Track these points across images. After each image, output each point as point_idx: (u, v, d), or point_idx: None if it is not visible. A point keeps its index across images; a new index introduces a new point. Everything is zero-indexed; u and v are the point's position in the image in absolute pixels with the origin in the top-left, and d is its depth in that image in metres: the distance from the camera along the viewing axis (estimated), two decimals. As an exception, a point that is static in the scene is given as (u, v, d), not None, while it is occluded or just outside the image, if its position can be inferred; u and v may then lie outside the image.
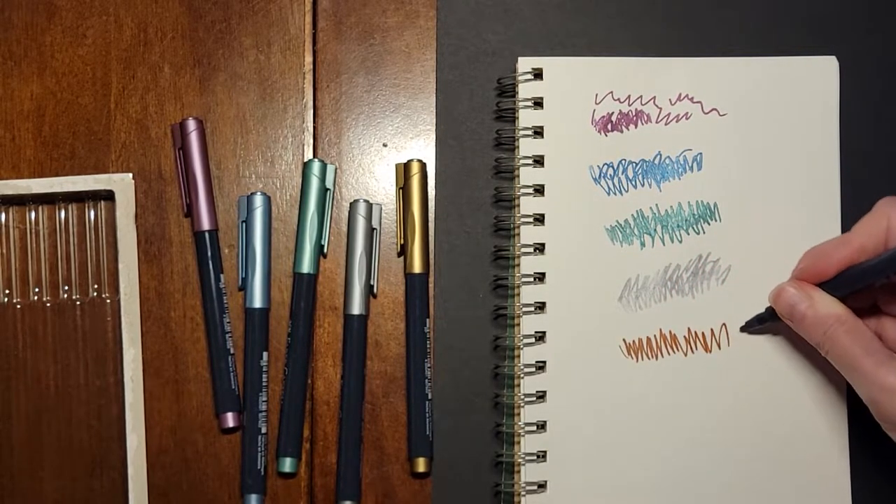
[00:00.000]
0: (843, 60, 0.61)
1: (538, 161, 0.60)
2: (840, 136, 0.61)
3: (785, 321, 0.57)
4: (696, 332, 0.60)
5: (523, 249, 0.60)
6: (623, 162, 0.60)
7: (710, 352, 0.59)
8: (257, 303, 0.61)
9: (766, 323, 0.58)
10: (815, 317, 0.55)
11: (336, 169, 0.62)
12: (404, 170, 0.62)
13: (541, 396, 0.59)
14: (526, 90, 0.60)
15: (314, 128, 0.63)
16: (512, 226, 0.61)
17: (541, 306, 0.59)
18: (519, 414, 0.59)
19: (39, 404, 0.61)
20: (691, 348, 0.59)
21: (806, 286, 0.56)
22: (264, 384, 0.61)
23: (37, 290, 0.61)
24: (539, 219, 0.60)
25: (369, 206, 0.62)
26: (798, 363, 0.58)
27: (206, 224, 0.61)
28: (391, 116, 0.63)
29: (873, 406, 0.52)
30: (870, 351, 0.53)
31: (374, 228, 0.62)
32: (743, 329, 0.59)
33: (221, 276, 0.61)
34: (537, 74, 0.61)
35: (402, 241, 0.61)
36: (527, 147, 0.60)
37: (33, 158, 0.62)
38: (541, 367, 0.59)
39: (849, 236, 0.55)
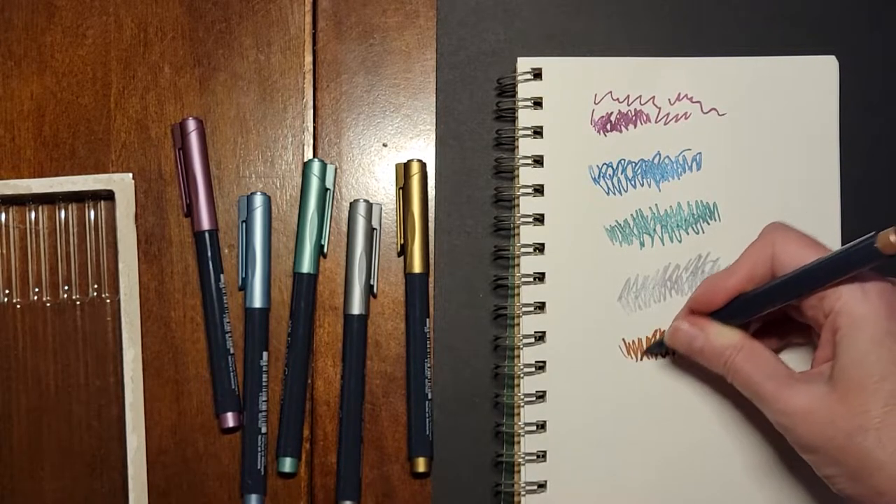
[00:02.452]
0: (843, 60, 0.61)
1: (538, 161, 0.60)
2: (840, 136, 0.61)
3: (686, 357, 0.57)
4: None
5: (523, 249, 0.60)
6: (622, 162, 0.60)
7: (710, 352, 0.59)
8: (257, 303, 0.61)
9: (664, 348, 0.58)
10: (712, 349, 0.54)
11: (336, 169, 0.62)
12: (404, 170, 0.62)
13: (541, 396, 0.59)
14: (525, 90, 0.61)
15: (314, 128, 0.63)
16: (512, 226, 0.61)
17: (541, 306, 0.59)
18: (519, 414, 0.59)
19: (39, 404, 0.61)
20: (691, 348, 0.60)
21: (698, 320, 0.55)
22: (264, 384, 0.61)
23: (37, 290, 0.61)
24: (539, 219, 0.60)
25: (369, 206, 0.62)
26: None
27: (206, 224, 0.61)
28: (391, 116, 0.63)
29: (783, 431, 0.51)
30: (770, 374, 0.52)
31: (374, 228, 0.62)
32: (647, 353, 0.59)
33: (221, 276, 0.61)
34: (537, 74, 0.61)
35: (402, 241, 0.61)
36: (526, 147, 0.60)
37: (33, 158, 0.62)
38: (541, 367, 0.59)
39: (736, 265, 0.54)
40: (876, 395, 0.48)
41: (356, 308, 0.61)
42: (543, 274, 0.60)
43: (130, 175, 0.62)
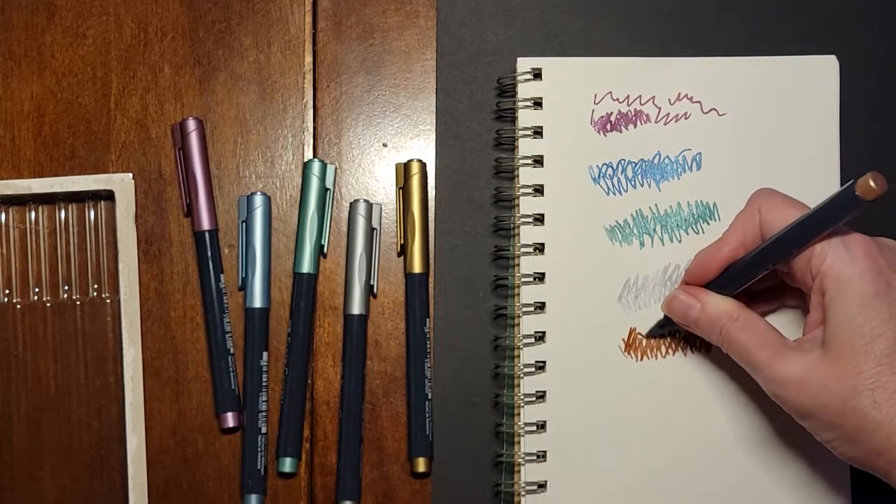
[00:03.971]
0: (843, 60, 0.61)
1: (538, 161, 0.60)
2: (840, 136, 0.61)
3: (682, 327, 0.57)
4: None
5: (523, 249, 0.60)
6: (622, 162, 0.60)
7: (710, 351, 0.59)
8: (257, 303, 0.61)
9: (666, 328, 0.59)
10: (707, 319, 0.55)
11: (336, 169, 0.62)
12: (404, 170, 0.62)
13: (541, 396, 0.59)
14: (525, 90, 0.61)
15: (314, 128, 0.63)
16: (512, 226, 0.61)
17: (541, 306, 0.59)
18: (519, 414, 0.59)
19: (39, 404, 0.61)
20: (691, 348, 0.59)
21: (694, 290, 0.56)
22: (264, 384, 0.61)
23: (37, 290, 0.61)
24: (539, 219, 0.60)
25: (369, 206, 0.62)
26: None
27: (206, 224, 0.61)
28: (391, 116, 0.63)
29: (777, 399, 0.52)
30: (763, 343, 0.52)
31: (374, 228, 0.62)
32: (647, 336, 0.59)
33: (221, 276, 0.61)
34: (537, 74, 0.61)
35: (402, 241, 0.61)
36: (526, 147, 0.60)
37: (33, 158, 0.62)
38: (541, 367, 0.59)
39: (727, 234, 0.55)
40: (867, 355, 0.48)
41: (356, 308, 0.61)
42: (543, 274, 0.60)
43: (130, 175, 0.62)
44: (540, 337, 0.59)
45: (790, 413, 0.51)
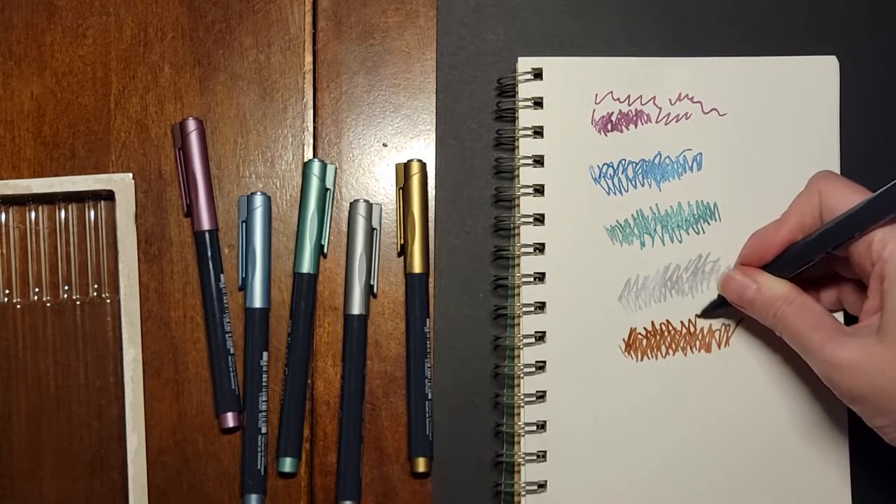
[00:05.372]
0: (843, 60, 0.61)
1: (538, 161, 0.60)
2: (840, 136, 0.61)
3: (736, 307, 0.57)
4: (695, 332, 0.60)
5: (523, 249, 0.60)
6: (623, 162, 0.60)
7: (710, 351, 0.59)
8: (257, 303, 0.61)
9: (720, 308, 0.59)
10: (763, 300, 0.55)
11: (336, 169, 0.62)
12: (404, 170, 0.62)
13: (541, 396, 0.59)
14: (526, 90, 0.60)
15: (314, 128, 0.63)
16: (512, 226, 0.61)
17: (541, 306, 0.59)
18: (519, 414, 0.59)
19: (39, 404, 0.61)
20: (691, 348, 0.59)
21: (751, 271, 0.56)
22: (264, 384, 0.61)
23: (37, 290, 0.61)
24: (539, 219, 0.60)
25: (369, 206, 0.62)
26: (798, 362, 0.58)
27: (206, 224, 0.61)
28: (391, 116, 0.63)
29: (829, 383, 0.52)
30: (818, 327, 0.52)
31: (374, 228, 0.62)
32: (700, 315, 0.60)
33: (221, 276, 0.61)
34: (537, 74, 0.61)
35: (402, 241, 0.61)
36: (527, 147, 0.60)
37: (33, 158, 0.62)
38: (541, 367, 0.59)
39: (786, 216, 0.55)
40: None
41: (356, 308, 0.61)
42: (543, 274, 0.60)
43: (130, 175, 0.61)
44: (540, 337, 0.59)
45: (842, 398, 0.51)
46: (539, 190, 0.60)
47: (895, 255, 0.50)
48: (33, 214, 0.62)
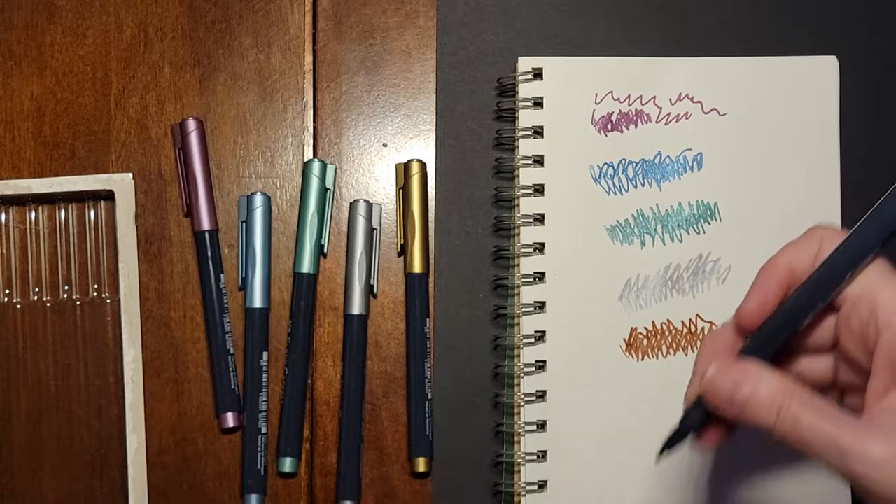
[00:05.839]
0: (843, 60, 0.61)
1: (538, 161, 0.60)
2: (840, 136, 0.61)
3: (720, 413, 0.45)
4: (696, 332, 0.60)
5: (523, 249, 0.60)
6: (623, 162, 0.60)
7: (711, 352, 0.59)
8: (257, 303, 0.61)
9: (690, 433, 0.47)
10: (760, 399, 0.43)
11: (336, 169, 0.62)
12: (404, 170, 0.62)
13: (541, 396, 0.59)
14: (526, 90, 0.61)
15: (314, 128, 0.63)
16: (512, 226, 0.61)
17: (541, 306, 0.59)
18: (519, 414, 0.59)
19: (39, 404, 0.61)
20: (692, 348, 0.60)
21: (735, 363, 0.44)
22: (264, 384, 0.61)
23: (37, 290, 0.61)
24: (539, 219, 0.60)
25: (369, 206, 0.62)
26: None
27: (206, 224, 0.61)
28: (391, 116, 0.63)
29: (862, 483, 0.41)
30: (840, 422, 0.41)
31: (374, 228, 0.62)
32: (664, 452, 0.48)
33: (221, 276, 0.61)
34: (537, 74, 0.61)
35: (402, 241, 0.61)
36: (527, 147, 0.60)
37: (33, 158, 0.62)
38: (541, 366, 0.59)
39: (771, 267, 0.45)
40: None
41: (356, 308, 0.61)
42: (543, 274, 0.60)
43: (130, 175, 0.61)
44: (540, 337, 0.59)
45: (868, 496, 0.41)
46: (539, 190, 0.60)
47: None
48: (33, 214, 0.62)
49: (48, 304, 0.61)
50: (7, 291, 0.61)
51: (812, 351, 0.46)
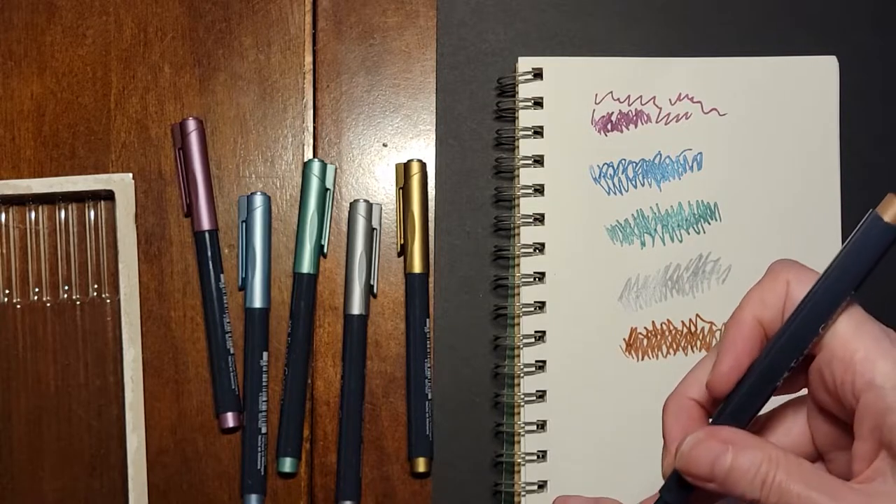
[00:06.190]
0: (843, 60, 0.61)
1: (538, 161, 0.60)
2: (840, 136, 0.61)
3: (699, 486, 0.41)
4: (696, 332, 0.60)
5: (523, 249, 0.60)
6: (623, 162, 0.60)
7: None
8: (257, 303, 0.61)
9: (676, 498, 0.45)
10: (742, 468, 0.39)
11: (336, 169, 0.62)
12: (404, 170, 0.62)
13: (541, 396, 0.59)
14: (526, 90, 0.61)
15: (314, 128, 0.63)
16: (512, 226, 0.61)
17: (541, 306, 0.59)
18: (519, 414, 0.59)
19: (39, 404, 0.61)
20: (692, 348, 0.60)
21: (715, 431, 0.41)
22: (264, 384, 0.61)
23: (37, 290, 0.61)
24: (539, 218, 0.60)
25: (369, 206, 0.62)
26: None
27: (206, 224, 0.61)
28: (391, 116, 0.63)
29: None
30: (832, 492, 0.38)
31: (374, 228, 0.62)
32: None
33: (221, 276, 0.61)
34: (537, 74, 0.61)
35: (402, 241, 0.61)
36: (527, 147, 0.60)
37: (33, 158, 0.62)
38: (541, 366, 0.59)
39: (735, 321, 0.42)
40: None
41: (356, 308, 0.61)
42: (543, 274, 0.60)
43: (130, 175, 0.61)
44: (540, 336, 0.59)
45: None
46: (539, 190, 0.60)
47: (891, 378, 0.37)
48: (33, 214, 0.62)
49: (48, 304, 0.61)
50: (7, 291, 0.61)
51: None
